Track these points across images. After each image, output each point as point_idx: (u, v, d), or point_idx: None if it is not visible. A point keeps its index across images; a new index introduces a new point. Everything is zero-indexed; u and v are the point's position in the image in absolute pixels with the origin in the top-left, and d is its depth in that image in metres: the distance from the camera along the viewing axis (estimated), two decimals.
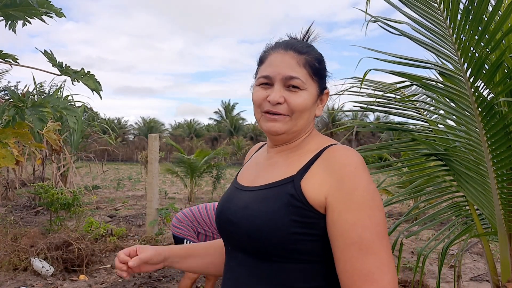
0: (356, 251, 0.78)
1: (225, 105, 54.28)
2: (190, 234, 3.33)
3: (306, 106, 0.91)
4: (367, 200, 0.80)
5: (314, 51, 0.96)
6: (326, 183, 0.83)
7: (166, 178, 17.60)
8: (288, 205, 0.84)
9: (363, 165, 0.84)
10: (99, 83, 1.64)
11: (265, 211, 0.86)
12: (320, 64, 0.95)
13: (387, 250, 0.79)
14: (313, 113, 0.96)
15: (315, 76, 0.93)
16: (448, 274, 4.65)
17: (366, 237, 0.78)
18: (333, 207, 0.81)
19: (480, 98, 1.53)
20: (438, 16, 1.58)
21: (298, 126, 0.93)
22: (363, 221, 0.79)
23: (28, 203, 8.04)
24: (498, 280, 1.81)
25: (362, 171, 0.83)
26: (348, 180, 0.81)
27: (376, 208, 0.81)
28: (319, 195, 0.83)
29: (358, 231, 0.78)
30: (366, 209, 0.80)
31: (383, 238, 0.80)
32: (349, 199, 0.80)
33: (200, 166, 10.14)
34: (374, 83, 2.22)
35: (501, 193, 1.66)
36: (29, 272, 4.30)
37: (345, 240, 0.79)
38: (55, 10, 1.49)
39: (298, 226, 0.82)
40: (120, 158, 39.78)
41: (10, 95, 1.50)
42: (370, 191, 0.82)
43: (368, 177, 0.83)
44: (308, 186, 0.84)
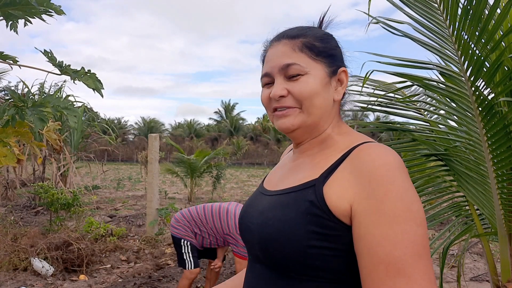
0: (384, 272, 0.64)
1: (225, 105, 54.32)
2: (187, 234, 3.36)
3: (312, 91, 0.80)
4: (400, 211, 0.66)
5: (313, 31, 0.85)
6: (352, 189, 0.70)
7: (166, 178, 17.60)
8: (306, 213, 0.72)
9: (400, 167, 0.69)
10: (100, 81, 1.64)
11: (279, 219, 0.75)
12: (324, 42, 0.84)
13: (423, 274, 0.64)
14: (329, 98, 0.82)
15: (318, 56, 0.82)
16: (448, 274, 4.65)
17: (396, 256, 0.64)
18: (360, 218, 0.68)
19: (480, 98, 1.53)
20: (438, 16, 1.58)
21: (313, 116, 0.81)
22: (393, 237, 0.64)
23: (28, 203, 8.05)
24: (498, 280, 1.81)
25: (398, 174, 0.68)
26: (378, 185, 0.67)
27: (412, 222, 0.65)
28: (343, 202, 0.70)
29: (386, 248, 0.64)
30: (398, 222, 0.65)
31: (419, 259, 0.64)
32: (378, 209, 0.66)
33: (200, 166, 10.14)
34: (375, 82, 2.22)
35: (501, 193, 1.66)
36: (29, 272, 4.31)
37: (372, 259, 0.65)
38: (55, 8, 1.49)
39: (317, 238, 0.70)
40: (120, 158, 39.79)
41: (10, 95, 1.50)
42: (406, 200, 0.66)
43: (404, 183, 0.68)
44: (332, 192, 0.72)
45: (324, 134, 0.84)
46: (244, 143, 39.20)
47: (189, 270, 3.32)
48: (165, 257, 5.12)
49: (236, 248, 3.23)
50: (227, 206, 3.36)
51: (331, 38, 0.87)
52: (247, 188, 15.30)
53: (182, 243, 3.35)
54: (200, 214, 3.36)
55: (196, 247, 3.39)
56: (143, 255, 5.22)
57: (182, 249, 3.35)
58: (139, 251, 5.35)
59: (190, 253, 3.34)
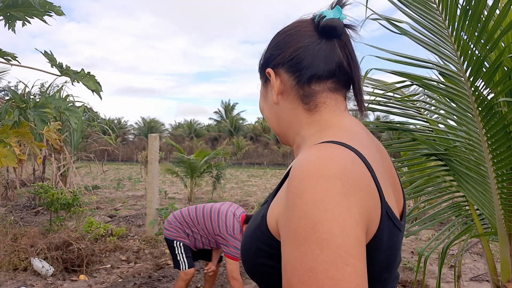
0: None
1: (225, 105, 54.33)
2: (179, 235, 3.35)
3: (260, 108, 0.84)
4: (302, 230, 0.54)
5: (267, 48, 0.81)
6: (281, 203, 0.62)
7: (166, 178, 17.60)
8: (257, 229, 0.67)
9: (325, 177, 0.55)
10: (99, 83, 1.64)
11: (246, 234, 0.72)
12: (264, 53, 0.81)
13: None
14: (271, 106, 0.79)
15: (259, 73, 0.83)
16: (448, 274, 4.65)
17: (293, 283, 0.54)
18: (280, 235, 0.60)
19: (480, 98, 1.54)
20: (437, 17, 1.58)
21: (271, 126, 0.83)
22: (293, 261, 0.54)
23: (28, 203, 8.05)
24: (498, 280, 1.81)
25: (316, 186, 0.55)
26: (289, 199, 0.57)
27: (314, 244, 0.52)
28: (273, 219, 0.64)
29: (287, 271, 0.55)
30: (299, 244, 0.54)
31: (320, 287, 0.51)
32: (285, 227, 0.57)
33: (200, 166, 10.14)
34: (375, 81, 2.23)
35: (501, 193, 1.66)
36: (29, 272, 4.31)
37: (282, 281, 0.57)
38: (57, 10, 1.50)
39: (264, 256, 0.65)
40: (120, 158, 39.79)
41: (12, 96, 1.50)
42: (312, 217, 0.53)
43: (321, 197, 0.54)
44: (271, 209, 0.66)
45: (299, 137, 0.76)
46: (244, 143, 39.22)
47: (184, 271, 3.31)
48: (165, 257, 5.12)
49: (226, 248, 3.18)
50: (220, 206, 3.33)
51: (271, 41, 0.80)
52: (247, 188, 15.31)
53: (174, 244, 3.35)
54: (191, 215, 3.34)
55: (189, 247, 3.38)
56: (143, 255, 5.22)
57: (175, 250, 3.35)
58: (139, 251, 5.36)
59: (184, 253, 3.33)
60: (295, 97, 0.74)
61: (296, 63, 0.73)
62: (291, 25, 0.78)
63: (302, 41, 0.73)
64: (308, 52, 0.72)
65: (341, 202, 0.54)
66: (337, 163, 0.58)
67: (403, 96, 2.18)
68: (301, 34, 0.74)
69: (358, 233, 0.55)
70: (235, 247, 3.12)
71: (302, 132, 0.75)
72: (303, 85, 0.73)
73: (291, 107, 0.75)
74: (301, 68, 0.72)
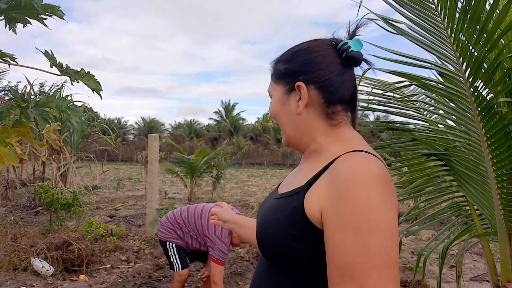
0: (338, 277, 0.70)
1: (225, 105, 54.32)
2: (171, 236, 3.33)
3: (273, 111, 0.94)
4: (358, 220, 0.69)
5: (285, 54, 0.94)
6: (324, 196, 0.75)
7: (166, 178, 17.60)
8: (288, 218, 0.80)
9: (369, 177, 0.72)
10: (99, 83, 1.64)
11: (270, 220, 0.85)
12: (288, 63, 0.91)
13: (375, 284, 0.66)
14: (292, 114, 0.90)
15: (278, 79, 0.93)
16: (448, 274, 4.66)
17: (350, 263, 0.68)
18: (326, 224, 0.74)
19: (479, 98, 1.54)
20: (435, 17, 1.59)
21: (288, 131, 0.93)
22: (349, 245, 0.68)
23: (28, 203, 8.05)
24: (498, 280, 1.81)
25: (364, 184, 0.71)
26: (342, 194, 0.72)
27: (370, 231, 0.68)
28: (316, 209, 0.76)
29: (341, 254, 0.69)
30: (355, 230, 0.69)
31: (375, 267, 0.67)
32: (338, 217, 0.71)
33: (200, 166, 10.14)
34: (374, 81, 2.23)
35: (501, 193, 1.66)
36: (29, 272, 4.31)
37: (331, 262, 0.71)
38: (59, 14, 1.50)
39: (295, 240, 0.78)
40: (120, 158, 39.76)
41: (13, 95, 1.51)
42: (368, 209, 0.69)
43: (370, 193, 0.70)
44: (309, 200, 0.78)
45: (315, 144, 0.90)
46: (244, 143, 39.19)
47: (178, 272, 3.29)
48: (165, 257, 5.12)
49: (212, 251, 3.11)
50: (212, 206, 3.26)
51: (297, 56, 0.91)
52: (247, 188, 15.31)
53: (167, 246, 3.34)
54: (183, 215, 3.31)
55: (182, 247, 3.35)
56: (143, 255, 5.22)
57: (168, 252, 3.34)
58: (139, 251, 5.36)
59: (177, 254, 3.31)
60: (320, 112, 0.88)
61: (327, 85, 0.87)
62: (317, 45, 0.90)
63: (333, 66, 0.87)
64: (338, 78, 0.87)
65: (383, 198, 0.71)
66: (375, 167, 0.74)
67: (403, 96, 2.19)
68: (330, 58, 0.88)
69: (395, 222, 0.72)
70: (220, 251, 3.06)
71: (318, 140, 0.89)
72: (329, 104, 0.87)
73: (314, 120, 0.89)
74: (332, 90, 0.87)
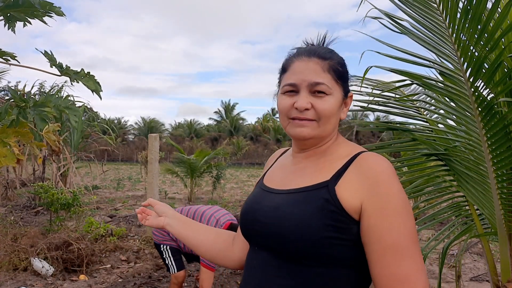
0: (392, 256, 0.81)
1: (225, 105, 54.31)
2: (165, 239, 3.32)
3: (332, 111, 0.94)
4: (401, 207, 0.84)
5: (336, 55, 0.97)
6: (361, 189, 0.86)
7: (166, 178, 17.60)
8: (322, 209, 0.86)
9: (394, 172, 0.87)
10: (99, 83, 1.64)
11: (298, 214, 0.87)
12: (343, 67, 0.97)
13: (420, 255, 0.83)
14: (338, 117, 0.98)
15: (339, 80, 0.95)
16: (448, 274, 4.65)
17: (401, 242, 0.82)
18: (369, 213, 0.84)
19: (480, 98, 1.54)
20: (437, 16, 1.58)
21: (326, 131, 0.96)
22: (398, 227, 0.82)
23: (28, 203, 8.05)
24: (498, 280, 1.81)
25: (395, 178, 0.86)
26: (383, 186, 0.85)
27: (409, 215, 0.84)
28: (354, 200, 0.85)
29: (393, 236, 0.82)
30: (400, 215, 0.83)
31: (416, 243, 0.83)
32: (384, 205, 0.83)
33: (200, 166, 10.14)
34: (374, 81, 2.23)
35: (501, 193, 1.66)
36: (29, 272, 4.31)
37: (382, 245, 0.82)
38: (57, 11, 1.50)
39: (331, 230, 0.84)
40: (120, 158, 39.75)
41: (12, 95, 1.50)
42: (403, 198, 0.85)
43: (400, 185, 0.86)
44: (343, 192, 0.87)
45: (327, 145, 0.98)
46: (244, 143, 39.19)
47: (174, 274, 3.28)
48: None
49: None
50: (205, 209, 3.23)
51: (345, 64, 0.99)
52: (247, 188, 15.30)
53: (162, 248, 3.33)
54: None
55: (177, 249, 3.33)
56: (143, 255, 5.22)
57: (163, 255, 3.33)
58: (139, 251, 5.35)
59: (172, 257, 3.29)
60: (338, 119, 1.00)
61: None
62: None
63: None
64: None
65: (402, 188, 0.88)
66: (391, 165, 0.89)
67: (403, 96, 2.18)
68: None
69: None
70: None
71: (329, 143, 0.99)
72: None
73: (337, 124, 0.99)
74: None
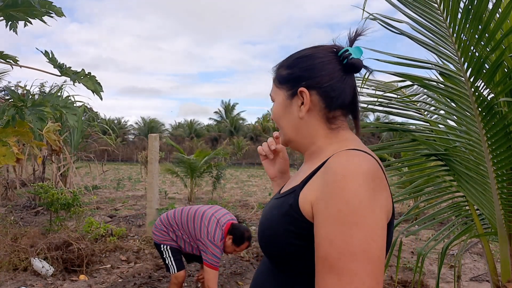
0: (321, 267, 0.73)
1: (225, 105, 54.30)
2: (165, 239, 3.30)
3: (276, 114, 0.96)
4: (344, 214, 0.71)
5: (288, 59, 0.96)
6: (315, 192, 0.79)
7: (166, 178, 17.60)
8: (285, 215, 0.83)
9: (359, 174, 0.74)
10: (99, 84, 1.64)
11: (269, 219, 0.88)
12: (291, 68, 0.94)
13: (355, 275, 0.69)
14: (294, 118, 0.92)
15: (281, 84, 0.95)
16: (448, 274, 4.65)
17: (332, 255, 0.71)
18: (315, 218, 0.77)
19: (480, 98, 1.53)
20: (438, 16, 1.58)
21: (287, 135, 0.96)
22: (332, 237, 0.72)
23: (28, 203, 8.04)
24: (498, 280, 1.81)
25: (353, 180, 0.73)
26: (330, 189, 0.75)
27: (355, 225, 0.71)
28: (308, 204, 0.79)
29: (325, 246, 0.72)
30: (342, 224, 0.71)
31: (356, 260, 0.69)
32: (325, 210, 0.74)
33: (200, 166, 10.13)
34: (375, 82, 2.23)
35: (501, 193, 1.66)
36: (29, 272, 4.30)
37: (316, 254, 0.75)
38: (56, 10, 1.50)
39: (293, 237, 0.81)
40: (120, 158, 39.75)
41: (10, 95, 1.50)
42: (353, 204, 0.71)
43: (358, 189, 0.72)
44: (303, 196, 0.82)
45: (315, 146, 0.92)
46: (244, 143, 39.20)
47: (174, 274, 3.25)
48: None
49: (205, 255, 3.03)
50: (206, 209, 3.21)
51: (300, 61, 0.93)
52: (247, 188, 15.30)
53: (162, 248, 3.31)
54: (176, 217, 3.25)
55: (177, 249, 3.31)
56: (143, 255, 5.22)
57: (163, 255, 3.31)
58: (139, 251, 5.35)
59: (172, 257, 3.27)
60: (321, 117, 0.91)
61: (329, 91, 0.89)
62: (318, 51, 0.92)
63: (334, 72, 0.89)
64: (339, 84, 0.89)
65: (372, 195, 0.73)
66: (367, 165, 0.76)
67: (403, 96, 2.18)
68: (332, 65, 0.90)
69: (383, 220, 0.74)
70: (213, 255, 3.00)
71: (318, 143, 0.91)
72: (330, 109, 0.90)
73: (314, 123, 0.91)
74: (333, 96, 0.89)
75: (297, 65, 0.93)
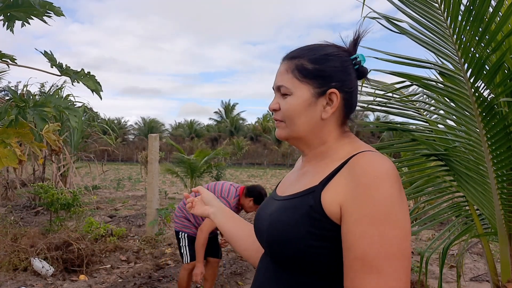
0: (359, 267, 0.73)
1: (225, 105, 54.28)
2: (184, 225, 3.39)
3: (293, 110, 0.89)
4: (381, 214, 0.73)
5: (313, 52, 0.91)
6: (343, 192, 0.78)
7: (166, 178, 17.60)
8: (306, 216, 0.81)
9: (388, 175, 0.76)
10: (99, 83, 1.64)
11: (284, 221, 0.85)
12: (318, 63, 0.89)
13: (393, 273, 0.72)
14: (315, 117, 0.89)
15: (305, 78, 0.89)
16: (448, 274, 4.65)
17: (371, 254, 0.72)
18: (345, 218, 0.76)
19: (480, 98, 1.54)
20: (438, 16, 1.58)
21: (297, 131, 0.91)
22: (371, 236, 0.73)
23: (28, 203, 8.04)
24: (498, 280, 1.81)
25: (385, 181, 0.75)
26: (364, 189, 0.75)
27: (391, 225, 0.73)
28: (335, 205, 0.79)
29: (363, 246, 0.73)
30: (379, 223, 0.73)
31: (393, 258, 0.72)
32: (360, 210, 0.75)
33: (200, 166, 10.12)
34: (375, 82, 2.23)
35: (501, 193, 1.66)
36: (29, 272, 4.30)
37: (350, 254, 0.74)
38: (57, 10, 1.50)
39: (314, 238, 0.79)
40: (120, 158, 39.73)
41: (11, 95, 1.50)
42: (388, 205, 0.74)
43: (391, 190, 0.75)
44: (327, 197, 0.80)
45: (325, 146, 0.92)
46: (244, 143, 39.18)
47: (186, 263, 3.36)
48: (165, 257, 5.12)
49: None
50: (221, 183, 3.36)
51: (330, 60, 0.90)
52: None
53: (180, 236, 3.40)
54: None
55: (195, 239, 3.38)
56: (143, 255, 5.22)
57: (180, 242, 3.40)
58: (139, 251, 5.35)
59: (187, 246, 3.37)
60: (339, 119, 0.91)
61: (352, 97, 0.91)
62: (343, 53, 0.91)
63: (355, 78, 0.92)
64: (356, 90, 0.93)
65: (401, 196, 0.77)
66: (391, 166, 0.78)
67: (402, 96, 2.18)
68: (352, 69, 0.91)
69: (410, 221, 0.77)
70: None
71: (329, 144, 0.91)
72: (349, 115, 0.93)
73: (332, 126, 0.91)
74: (352, 102, 0.92)
75: (326, 62, 0.89)
